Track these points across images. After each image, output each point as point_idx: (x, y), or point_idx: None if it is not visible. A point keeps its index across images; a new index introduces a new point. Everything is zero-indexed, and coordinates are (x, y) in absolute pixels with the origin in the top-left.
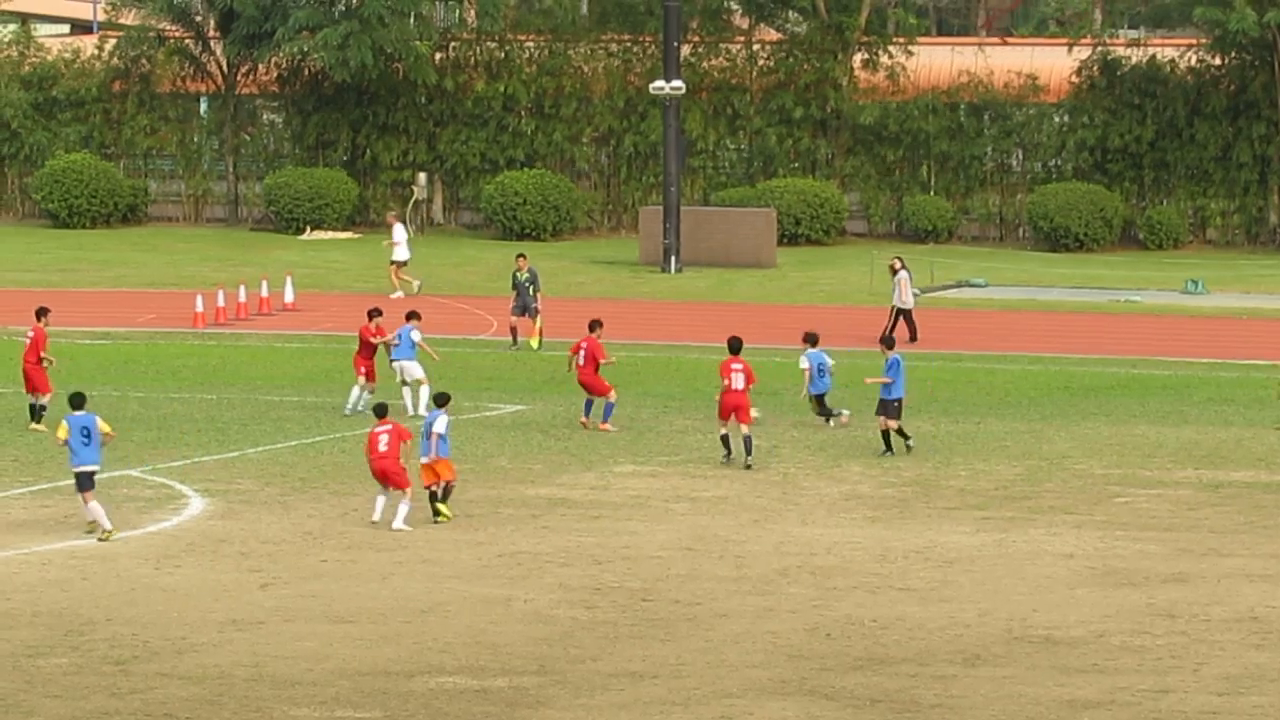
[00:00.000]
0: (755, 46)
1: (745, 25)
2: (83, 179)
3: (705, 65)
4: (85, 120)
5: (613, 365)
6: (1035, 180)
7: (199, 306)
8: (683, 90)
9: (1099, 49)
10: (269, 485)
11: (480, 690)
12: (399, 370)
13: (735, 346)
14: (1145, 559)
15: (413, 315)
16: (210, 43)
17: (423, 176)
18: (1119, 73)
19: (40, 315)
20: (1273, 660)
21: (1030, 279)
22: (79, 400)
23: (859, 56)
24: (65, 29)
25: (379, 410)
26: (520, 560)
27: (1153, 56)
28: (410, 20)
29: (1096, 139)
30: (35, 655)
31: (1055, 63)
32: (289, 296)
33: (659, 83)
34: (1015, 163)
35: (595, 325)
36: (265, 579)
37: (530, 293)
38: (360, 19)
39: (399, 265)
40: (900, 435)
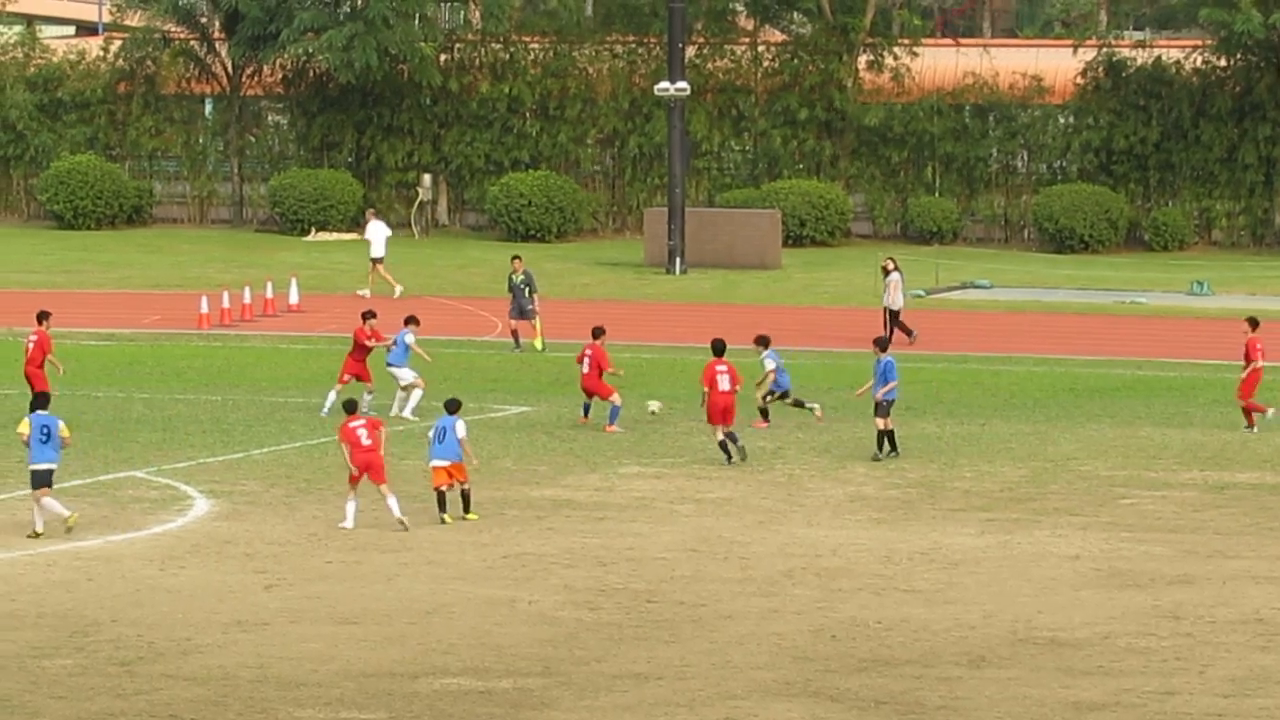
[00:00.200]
0: (760, 48)
1: (750, 26)
2: (88, 180)
3: (710, 66)
4: (90, 122)
5: (619, 376)
6: (1040, 182)
7: (204, 308)
8: (687, 91)
9: (1104, 50)
10: (274, 487)
11: (485, 691)
12: (392, 375)
13: (719, 348)
14: (1150, 561)
15: (411, 320)
16: (215, 44)
17: (427, 178)
18: (1124, 74)
19: (41, 319)
20: (1278, 662)
21: (1035, 280)
22: (44, 400)
23: (864, 58)
24: (70, 30)
25: (349, 406)
26: (525, 561)
27: (1158, 58)
28: (415, 22)
29: (1102, 140)
30: (40, 656)
31: (1060, 64)
32: (294, 298)
33: (664, 84)
34: (1020, 164)
35: (599, 332)
36: (270, 580)
37: (526, 294)
38: (365, 20)
39: (377, 262)
40: (880, 439)
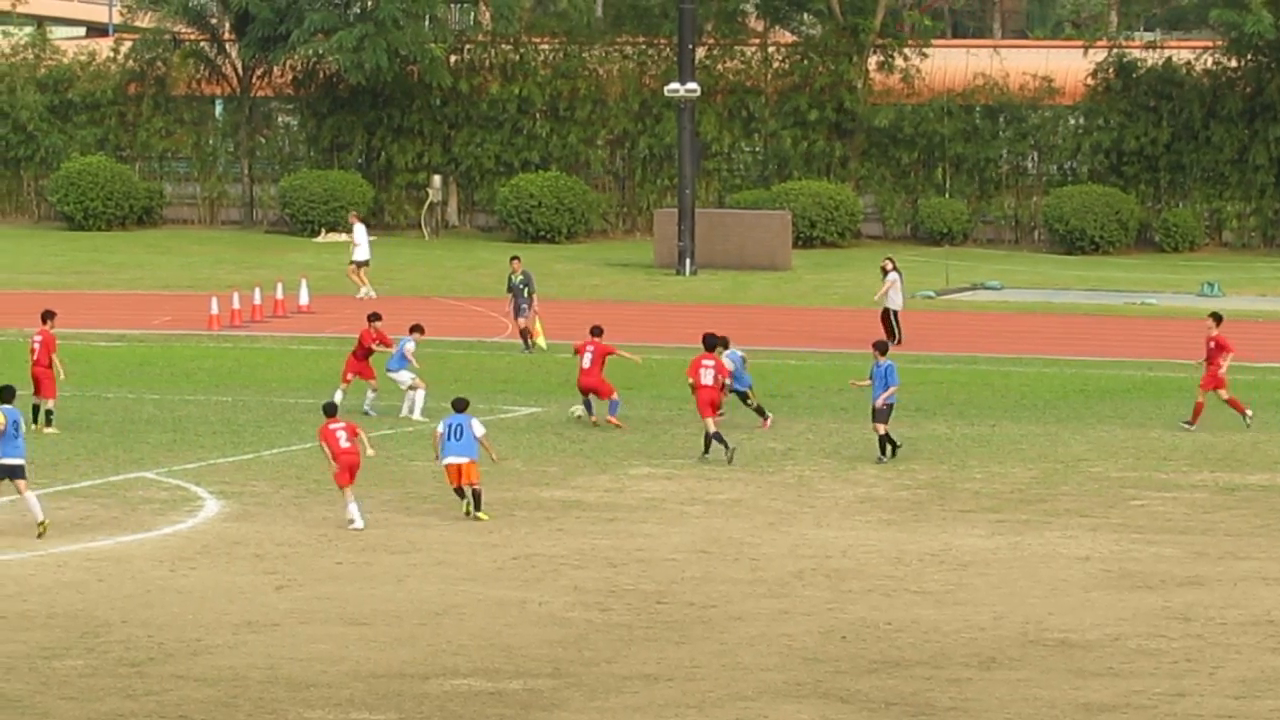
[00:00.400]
0: (770, 49)
1: (760, 28)
2: (98, 181)
3: (720, 68)
4: (101, 123)
5: (637, 363)
6: (1051, 183)
7: (214, 309)
8: (697, 93)
9: (1115, 51)
10: (284, 487)
11: (495, 692)
12: (393, 379)
13: (710, 343)
14: (1161, 562)
15: (416, 328)
16: (225, 45)
17: (437, 179)
18: (1135, 75)
19: (46, 319)
20: None
21: (1045, 281)
22: (10, 394)
23: (874, 59)
24: (81, 32)
25: (328, 409)
26: (535, 562)
27: (1168, 59)
28: (425, 23)
29: (1112, 141)
30: (51, 657)
31: (1071, 65)
32: (304, 299)
33: (674, 85)
34: (1030, 165)
35: (599, 331)
36: (280, 581)
37: (524, 294)
38: (375, 21)
39: (359, 265)
40: (882, 442)
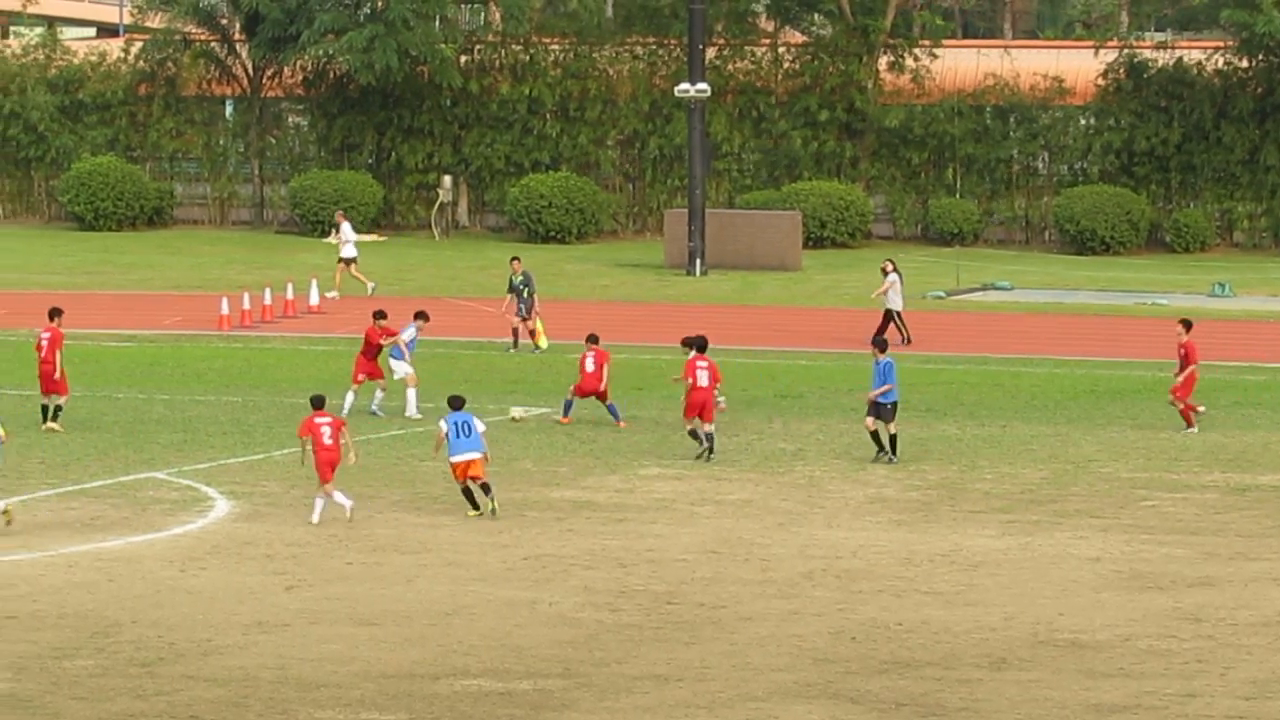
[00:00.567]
0: (780, 49)
1: (770, 28)
2: (108, 182)
3: (730, 68)
4: (111, 123)
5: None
6: (1061, 183)
7: (224, 309)
8: (707, 93)
9: (1125, 51)
10: (294, 488)
11: (505, 693)
12: (390, 368)
13: (700, 345)
14: (1172, 563)
15: (420, 315)
16: (236, 46)
17: (448, 179)
18: (1145, 75)
19: (54, 316)
20: None
21: (1056, 282)
22: None
23: (884, 59)
24: (91, 32)
25: (317, 401)
26: (545, 563)
27: (1179, 59)
28: (435, 23)
29: (1123, 142)
30: (61, 657)
31: (1081, 65)
32: (314, 299)
33: (684, 85)
34: (1041, 165)
35: (595, 339)
36: (290, 581)
37: (524, 295)
38: (385, 22)
39: (347, 263)
40: (889, 443)
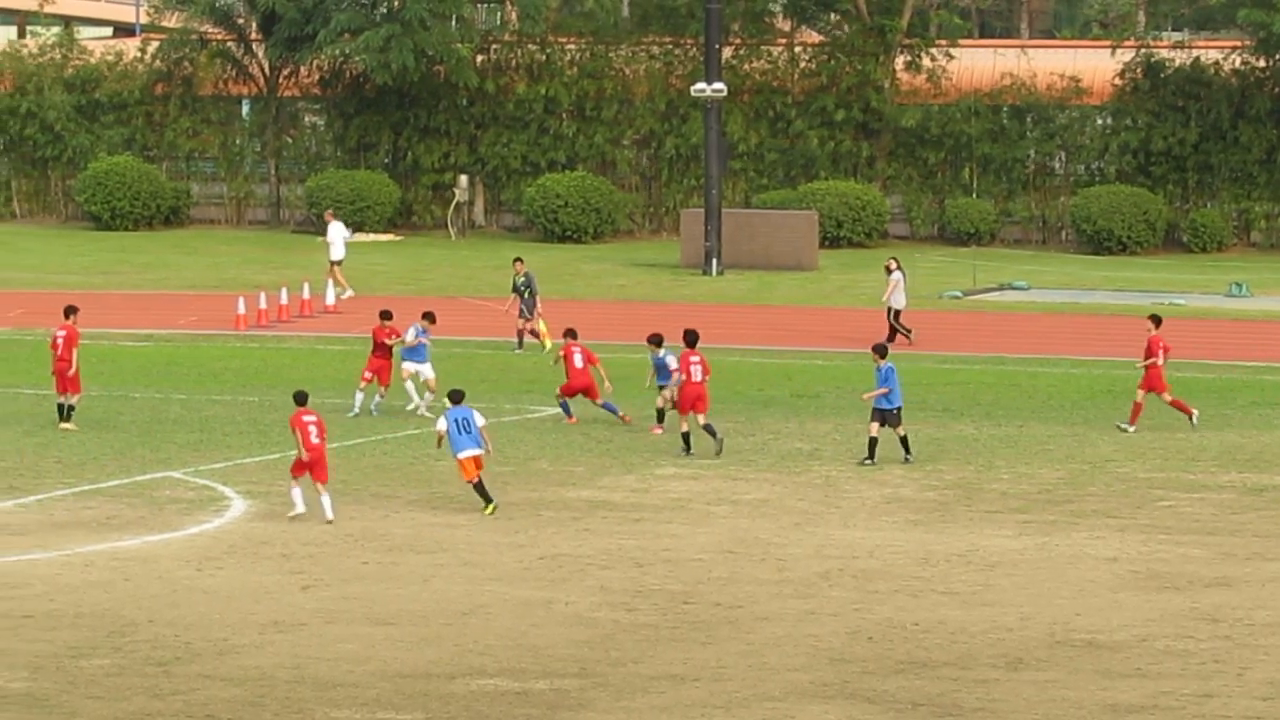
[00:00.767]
0: (797, 49)
1: (787, 27)
2: (125, 181)
3: (747, 68)
4: (128, 123)
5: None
6: (1078, 183)
7: (241, 309)
8: (724, 93)
9: (1142, 51)
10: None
11: (521, 692)
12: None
13: (692, 339)
14: (1188, 563)
15: (426, 315)
16: (252, 45)
17: (464, 179)
18: (1162, 75)
19: (69, 314)
20: None
21: (1073, 282)
22: None
23: (901, 59)
24: (108, 32)
25: (299, 398)
26: (561, 563)
27: (1196, 59)
28: (451, 23)
29: (1140, 141)
30: (78, 656)
31: (1098, 65)
32: (330, 299)
33: (700, 85)
34: (1058, 165)
35: (574, 334)
36: (306, 581)
37: (525, 296)
38: (401, 22)
39: (336, 264)
40: (902, 443)
